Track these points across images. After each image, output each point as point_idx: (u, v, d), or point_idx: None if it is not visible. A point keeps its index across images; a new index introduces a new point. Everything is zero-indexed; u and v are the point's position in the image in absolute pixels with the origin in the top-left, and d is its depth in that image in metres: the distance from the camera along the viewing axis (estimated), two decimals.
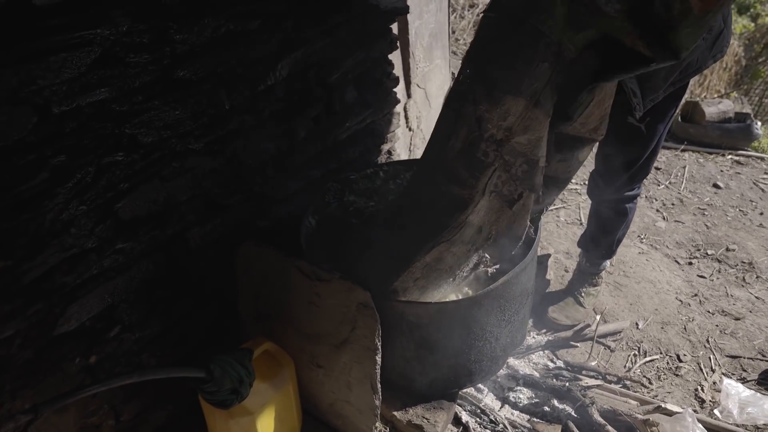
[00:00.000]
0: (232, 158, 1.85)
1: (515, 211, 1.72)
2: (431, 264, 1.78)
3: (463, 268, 1.83)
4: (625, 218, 2.46)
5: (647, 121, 1.95)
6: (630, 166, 2.25)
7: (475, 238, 1.75)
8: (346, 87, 2.21)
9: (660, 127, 2.13)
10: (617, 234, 2.52)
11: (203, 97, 1.67)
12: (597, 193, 2.46)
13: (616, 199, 2.39)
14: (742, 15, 9.41)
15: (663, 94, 1.93)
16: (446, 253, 1.76)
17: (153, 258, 1.74)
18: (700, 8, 1.18)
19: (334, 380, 1.87)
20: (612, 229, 2.51)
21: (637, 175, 2.31)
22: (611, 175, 2.33)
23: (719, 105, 4.50)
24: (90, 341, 1.65)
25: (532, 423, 2.15)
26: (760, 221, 3.59)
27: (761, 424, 2.19)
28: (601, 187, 2.41)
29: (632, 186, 2.36)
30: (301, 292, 1.82)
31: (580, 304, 2.68)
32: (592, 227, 2.62)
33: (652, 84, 1.85)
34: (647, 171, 2.32)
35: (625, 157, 2.23)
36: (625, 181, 2.32)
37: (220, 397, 1.60)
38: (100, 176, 1.50)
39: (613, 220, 2.48)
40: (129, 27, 1.41)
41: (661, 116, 2.09)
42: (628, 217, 2.46)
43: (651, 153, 2.22)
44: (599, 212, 2.53)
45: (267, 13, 1.75)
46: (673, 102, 2.08)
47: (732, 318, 2.75)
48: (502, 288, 1.80)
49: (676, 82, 1.93)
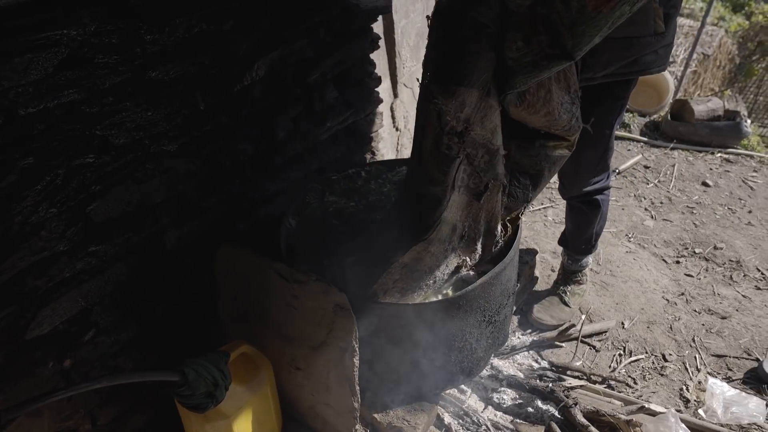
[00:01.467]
0: (209, 159, 1.83)
1: (483, 205, 1.74)
2: (410, 265, 1.77)
3: (442, 269, 1.82)
4: (598, 211, 2.48)
5: (592, 122, 2.00)
6: (587, 164, 2.32)
7: (451, 236, 1.74)
8: (327, 87, 2.19)
9: (606, 131, 2.20)
10: (593, 228, 2.54)
11: (177, 98, 1.65)
12: (564, 191, 2.51)
13: (584, 192, 2.42)
14: (736, 13, 9.43)
15: (601, 79, 1.97)
16: (424, 253, 1.75)
17: (128, 261, 1.72)
18: (593, 6, 1.28)
19: (313, 382, 1.86)
20: (587, 224, 2.53)
21: (596, 170, 2.36)
22: (572, 175, 2.39)
23: (708, 103, 4.49)
24: (64, 345, 1.64)
25: (515, 424, 2.14)
26: (749, 219, 3.58)
27: (745, 424, 2.19)
28: (567, 186, 2.47)
29: (595, 180, 2.39)
30: (279, 294, 1.81)
31: (565, 303, 2.67)
32: (569, 224, 2.66)
33: (591, 60, 1.90)
34: (606, 166, 2.38)
35: (579, 156, 2.27)
36: (585, 178, 2.37)
37: (195, 400, 1.58)
38: (70, 178, 1.48)
39: (586, 215, 2.50)
40: (97, 27, 1.39)
41: (604, 116, 2.14)
42: (602, 209, 2.48)
43: (605, 150, 2.29)
44: (572, 208, 2.58)
45: (241, 13, 1.73)
46: (615, 101, 2.15)
47: (718, 317, 2.74)
48: (481, 289, 1.79)
49: (617, 74, 1.98)
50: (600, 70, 1.94)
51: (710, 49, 7.60)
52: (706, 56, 7.54)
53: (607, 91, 2.06)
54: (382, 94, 2.60)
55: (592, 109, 2.05)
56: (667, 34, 1.93)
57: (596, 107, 2.04)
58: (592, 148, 2.24)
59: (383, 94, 2.64)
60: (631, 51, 1.88)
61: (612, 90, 2.08)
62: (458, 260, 1.84)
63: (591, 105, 2.05)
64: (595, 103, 2.05)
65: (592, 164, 2.32)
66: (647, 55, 1.95)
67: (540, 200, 3.70)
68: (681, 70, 5.92)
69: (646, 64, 1.98)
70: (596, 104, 2.06)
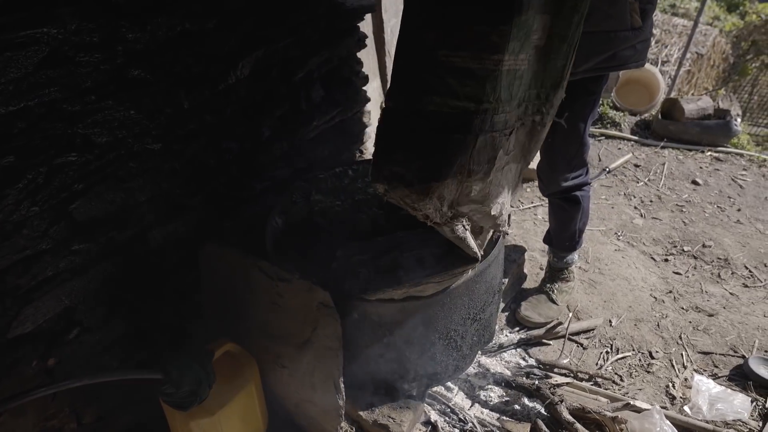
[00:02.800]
0: (194, 158, 1.83)
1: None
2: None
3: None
4: (578, 207, 2.49)
5: (565, 117, 2.02)
6: (562, 159, 2.33)
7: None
8: (313, 85, 2.20)
9: (580, 124, 2.20)
10: (575, 225, 2.56)
11: (160, 96, 1.65)
12: (544, 188, 2.52)
13: (563, 189, 2.44)
14: (731, 13, 9.47)
15: (581, 74, 1.98)
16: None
17: (112, 259, 1.72)
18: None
19: (298, 381, 1.86)
20: (569, 221, 2.54)
21: (572, 165, 2.37)
22: (549, 170, 2.41)
23: (698, 102, 4.51)
24: (48, 343, 1.64)
25: (501, 421, 2.15)
26: (738, 217, 3.60)
27: (730, 420, 2.19)
28: (545, 182, 2.48)
29: (572, 176, 2.41)
30: (263, 293, 1.81)
31: (553, 301, 2.67)
32: (552, 222, 2.67)
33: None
34: (582, 162, 2.39)
35: (556, 152, 2.32)
36: (562, 174, 2.38)
37: (179, 398, 1.59)
38: (52, 177, 1.48)
39: (567, 211, 2.51)
40: (78, 26, 1.39)
41: (578, 112, 2.16)
42: (582, 205, 2.50)
43: (579, 145, 2.29)
44: (553, 205, 2.58)
45: (225, 11, 1.74)
46: (588, 95, 2.16)
47: (706, 314, 2.75)
48: (465, 286, 1.80)
49: (596, 69, 2.00)
50: (580, 65, 1.95)
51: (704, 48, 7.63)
52: (700, 55, 7.57)
53: (580, 86, 2.08)
54: (372, 93, 2.61)
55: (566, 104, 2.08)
56: (644, 29, 1.93)
57: (570, 102, 2.06)
58: (566, 144, 2.26)
59: (373, 93, 2.65)
60: (609, 45, 1.89)
61: (584, 85, 2.10)
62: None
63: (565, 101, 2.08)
64: (569, 99, 2.07)
65: (567, 159, 2.33)
66: (625, 50, 1.96)
67: (530, 199, 3.71)
68: (675, 69, 5.94)
69: (624, 59, 2.00)
70: (570, 99, 2.08)
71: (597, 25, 1.83)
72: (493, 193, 1.53)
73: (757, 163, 4.32)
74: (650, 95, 4.95)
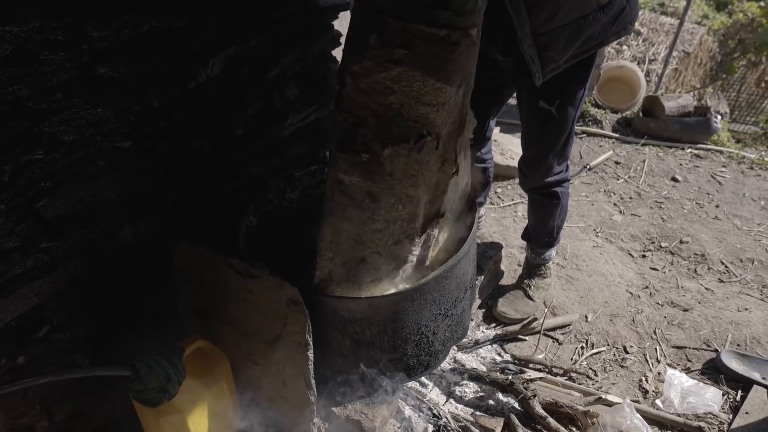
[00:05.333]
0: (164, 156, 1.84)
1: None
2: (336, 240, 1.76)
3: (387, 242, 1.78)
4: (558, 203, 2.52)
5: (557, 104, 2.03)
6: (549, 150, 2.34)
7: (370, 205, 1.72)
8: (286, 84, 2.20)
9: (570, 110, 2.20)
10: (554, 221, 2.58)
11: (128, 94, 1.66)
12: (525, 182, 2.54)
13: (544, 184, 2.46)
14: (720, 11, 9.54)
15: (564, 64, 1.99)
16: (342, 222, 1.74)
17: (82, 257, 1.72)
18: None
19: (270, 377, 1.87)
20: (548, 216, 2.57)
21: (557, 159, 2.39)
22: (533, 162, 2.42)
23: (679, 99, 4.55)
24: (17, 342, 1.64)
25: (475, 417, 2.17)
26: (716, 214, 3.64)
27: (701, 413, 2.22)
28: (527, 176, 2.49)
29: (555, 170, 2.43)
30: (235, 290, 1.82)
31: (530, 297, 2.70)
32: (531, 218, 2.69)
33: (550, 53, 1.92)
34: (566, 154, 2.41)
35: (543, 142, 2.33)
36: (547, 166, 2.39)
37: (147, 395, 1.59)
38: (18, 175, 1.48)
39: (546, 207, 2.54)
40: (41, 24, 1.39)
41: (569, 99, 2.16)
42: (561, 201, 2.52)
43: (567, 136, 2.30)
44: (533, 201, 2.61)
45: (194, 9, 1.74)
46: (579, 83, 2.17)
47: (680, 309, 2.78)
48: (434, 282, 1.81)
49: (578, 54, 2.00)
50: (560, 57, 1.96)
51: (691, 47, 7.67)
52: (687, 54, 7.62)
53: (570, 74, 2.09)
54: None
55: (558, 91, 2.11)
56: (613, 4, 1.93)
57: (562, 89, 2.10)
58: (555, 134, 2.27)
59: None
60: (583, 30, 1.90)
61: (576, 73, 2.11)
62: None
63: (557, 88, 2.10)
64: (561, 85, 2.09)
65: (554, 151, 2.34)
66: (599, 29, 1.97)
67: (510, 196, 3.74)
68: (661, 67, 5.99)
69: (602, 36, 2.00)
70: (562, 86, 2.11)
71: (566, 17, 1.85)
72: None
73: (736, 160, 4.36)
74: (632, 93, 4.99)
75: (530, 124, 2.30)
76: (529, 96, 2.20)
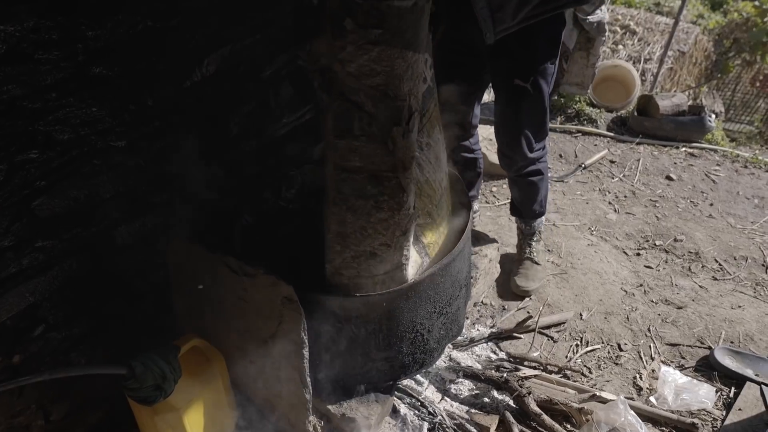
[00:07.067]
0: (159, 155, 1.84)
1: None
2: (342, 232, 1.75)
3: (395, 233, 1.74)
4: (542, 176, 2.65)
5: (531, 81, 2.07)
6: (528, 127, 2.43)
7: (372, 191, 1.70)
8: (281, 83, 2.21)
9: (544, 86, 2.30)
10: (541, 193, 2.71)
11: (123, 94, 1.66)
12: (507, 162, 2.62)
13: (530, 161, 2.56)
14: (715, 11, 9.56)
15: (516, 26, 2.05)
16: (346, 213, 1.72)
17: (78, 256, 1.73)
18: None
19: (266, 375, 1.88)
20: (536, 192, 2.69)
21: (537, 135, 2.49)
22: (513, 141, 2.49)
23: (673, 98, 4.57)
24: (12, 340, 1.64)
25: (470, 414, 2.17)
26: (710, 212, 3.65)
27: (695, 410, 2.24)
28: (509, 155, 2.58)
29: (536, 147, 2.53)
30: (230, 288, 1.83)
31: (536, 262, 2.84)
32: (515, 195, 2.79)
33: (501, 15, 2.01)
34: (545, 131, 2.52)
35: (522, 121, 2.42)
36: (527, 144, 2.48)
37: (143, 393, 1.60)
38: (13, 174, 1.48)
39: (533, 183, 2.66)
40: (36, 23, 1.40)
41: (542, 74, 2.26)
42: (544, 175, 2.65)
43: (544, 112, 2.40)
44: (516, 181, 2.71)
45: (189, 9, 1.75)
46: (551, 59, 2.26)
47: (675, 307, 2.80)
48: (429, 280, 1.83)
49: (531, 16, 2.05)
50: (511, 18, 2.02)
51: (686, 46, 7.70)
52: (683, 53, 7.64)
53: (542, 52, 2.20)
54: None
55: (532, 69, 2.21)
56: None
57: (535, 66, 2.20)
58: (533, 111, 2.37)
59: None
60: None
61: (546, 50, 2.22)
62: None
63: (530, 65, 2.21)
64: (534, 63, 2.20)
65: (533, 128, 2.44)
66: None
67: (505, 195, 3.74)
68: (656, 66, 6.01)
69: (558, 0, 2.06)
70: (535, 64, 2.21)
71: None
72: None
73: (730, 159, 4.38)
74: (627, 92, 5.01)
75: (508, 104, 2.39)
76: (505, 78, 2.31)
